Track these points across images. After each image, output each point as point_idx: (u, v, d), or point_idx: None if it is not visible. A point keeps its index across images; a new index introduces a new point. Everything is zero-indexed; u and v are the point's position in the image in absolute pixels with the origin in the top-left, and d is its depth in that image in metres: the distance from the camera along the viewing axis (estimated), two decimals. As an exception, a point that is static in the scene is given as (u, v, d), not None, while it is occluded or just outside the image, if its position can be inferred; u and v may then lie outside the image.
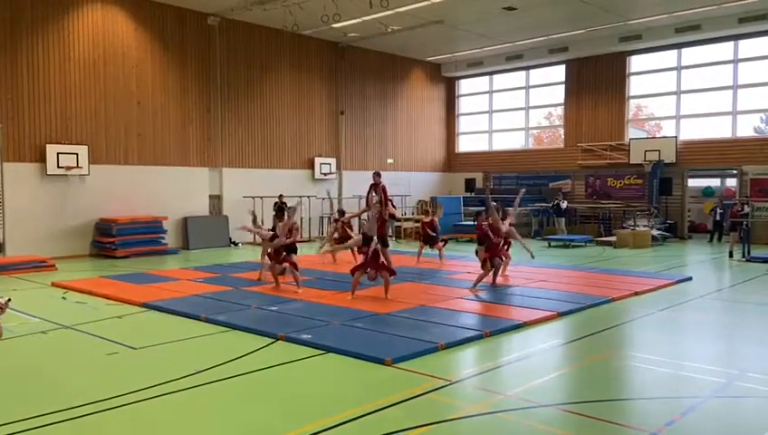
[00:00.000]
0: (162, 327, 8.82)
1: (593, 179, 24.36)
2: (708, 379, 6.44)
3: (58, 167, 16.64)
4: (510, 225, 12.23)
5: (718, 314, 10.10)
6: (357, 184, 24.24)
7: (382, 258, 10.42)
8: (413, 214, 25.43)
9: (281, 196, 18.86)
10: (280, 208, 16.79)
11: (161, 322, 9.18)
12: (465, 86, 28.74)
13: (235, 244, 20.43)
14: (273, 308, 9.73)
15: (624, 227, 21.22)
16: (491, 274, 11.66)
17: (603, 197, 23.94)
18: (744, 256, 16.24)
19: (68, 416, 5.37)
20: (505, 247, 12.44)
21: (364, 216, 13.07)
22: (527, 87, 26.61)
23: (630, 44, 22.62)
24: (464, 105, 28.94)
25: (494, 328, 8.39)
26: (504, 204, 13.46)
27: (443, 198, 24.79)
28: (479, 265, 11.73)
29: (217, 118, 20.29)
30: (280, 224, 11.72)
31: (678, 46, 22.20)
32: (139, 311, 9.88)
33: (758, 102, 21.43)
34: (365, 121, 25.10)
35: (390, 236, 13.82)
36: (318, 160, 23.19)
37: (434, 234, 15.67)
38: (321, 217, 22.64)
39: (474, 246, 12.98)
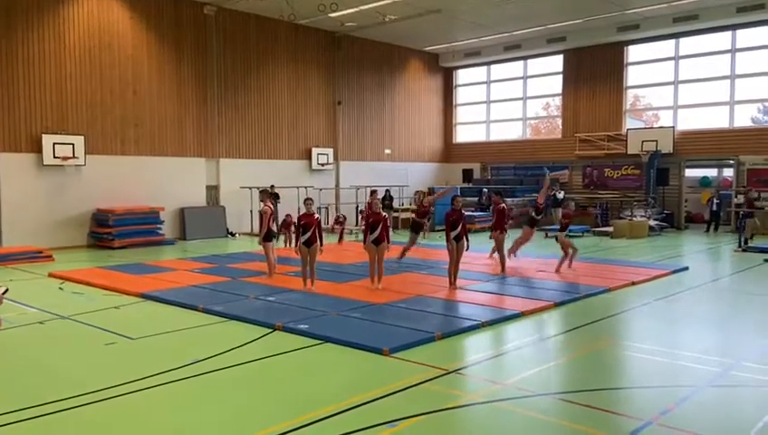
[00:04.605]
0: (160, 318, 8.83)
1: (591, 170, 24.35)
2: (704, 368, 6.47)
3: (54, 157, 16.59)
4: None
5: (714, 304, 10.15)
6: (354, 175, 24.25)
7: None
8: (410, 204, 25.41)
9: (272, 186, 18.90)
10: (276, 196, 17.04)
11: (159, 312, 9.19)
12: (462, 76, 28.66)
13: (233, 234, 20.43)
14: (271, 298, 9.75)
15: (621, 218, 21.25)
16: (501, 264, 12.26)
17: (600, 187, 23.95)
18: (740, 246, 16.28)
19: (67, 406, 5.38)
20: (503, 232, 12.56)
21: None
22: (525, 77, 26.54)
23: (628, 34, 22.56)
24: (461, 95, 28.88)
25: (490, 318, 8.42)
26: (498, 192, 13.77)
27: (439, 188, 24.78)
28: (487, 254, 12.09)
29: (214, 108, 20.21)
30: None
31: (676, 36, 22.16)
32: (136, 301, 9.88)
33: (755, 92, 21.42)
34: (362, 112, 25.04)
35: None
36: (315, 151, 23.13)
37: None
38: (319, 208, 22.60)
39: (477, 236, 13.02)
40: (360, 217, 15.83)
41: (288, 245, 16.12)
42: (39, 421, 5.07)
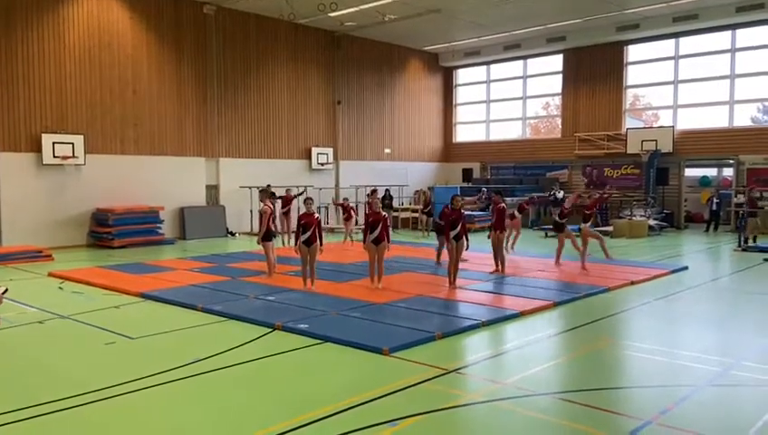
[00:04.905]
0: (160, 317, 8.82)
1: (590, 169, 24.36)
2: (703, 367, 6.47)
3: (54, 157, 16.59)
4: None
5: (714, 303, 10.15)
6: (354, 174, 24.24)
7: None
8: (410, 204, 25.43)
9: (269, 185, 18.89)
10: (273, 194, 17.04)
11: (159, 312, 9.19)
12: (462, 76, 28.66)
13: (232, 234, 20.42)
14: (271, 298, 9.75)
15: (621, 217, 21.25)
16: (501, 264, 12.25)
17: (600, 187, 23.93)
18: (739, 246, 16.27)
19: (66, 405, 5.38)
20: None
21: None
22: (524, 76, 26.54)
23: (628, 34, 22.56)
24: (461, 95, 28.87)
25: (490, 318, 8.42)
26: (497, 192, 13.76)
27: (440, 188, 24.78)
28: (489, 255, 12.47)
29: (214, 107, 20.21)
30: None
31: (676, 36, 22.16)
32: (136, 301, 9.88)
33: (755, 92, 21.42)
34: (362, 111, 25.03)
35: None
36: (315, 150, 23.13)
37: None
38: (319, 207, 22.59)
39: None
40: (366, 202, 16.01)
41: (288, 241, 16.18)
42: (38, 421, 5.07)
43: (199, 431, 4.94)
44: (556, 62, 25.35)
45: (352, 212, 18.00)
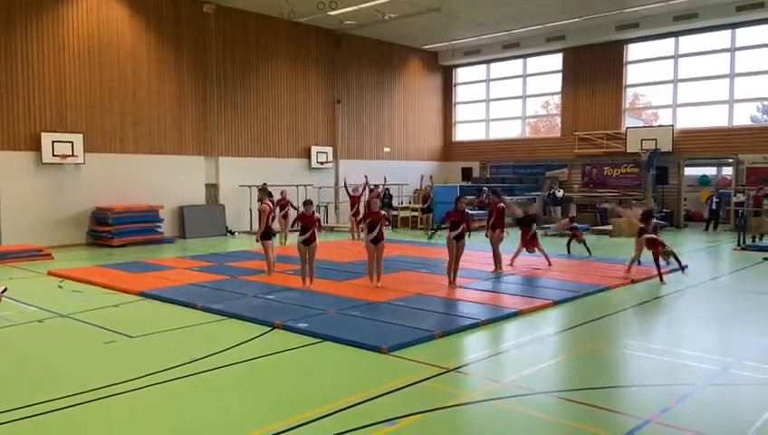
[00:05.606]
0: (159, 316, 8.82)
1: (590, 168, 24.35)
2: (703, 367, 6.47)
3: (53, 155, 16.57)
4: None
5: (713, 302, 10.15)
6: (354, 173, 24.20)
7: None
8: (410, 203, 25.41)
9: (265, 184, 18.88)
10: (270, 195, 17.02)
11: (158, 311, 9.18)
12: (462, 75, 28.64)
13: (232, 233, 20.41)
14: (270, 296, 9.75)
15: (620, 216, 21.22)
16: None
17: (599, 186, 23.95)
18: (739, 245, 16.28)
19: (66, 404, 5.38)
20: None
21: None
22: (524, 75, 26.53)
23: (628, 33, 22.55)
24: (461, 94, 28.85)
25: (490, 316, 8.42)
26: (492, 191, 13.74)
27: (439, 186, 24.75)
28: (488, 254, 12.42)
29: (213, 106, 20.19)
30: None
31: (676, 35, 22.15)
32: (135, 300, 9.88)
33: (755, 91, 21.41)
34: (362, 110, 25.02)
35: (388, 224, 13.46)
36: (314, 149, 23.12)
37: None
38: (318, 206, 22.58)
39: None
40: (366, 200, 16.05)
41: (285, 241, 16.22)
42: (37, 420, 5.07)
43: (198, 430, 4.94)
44: (556, 61, 25.33)
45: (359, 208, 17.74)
